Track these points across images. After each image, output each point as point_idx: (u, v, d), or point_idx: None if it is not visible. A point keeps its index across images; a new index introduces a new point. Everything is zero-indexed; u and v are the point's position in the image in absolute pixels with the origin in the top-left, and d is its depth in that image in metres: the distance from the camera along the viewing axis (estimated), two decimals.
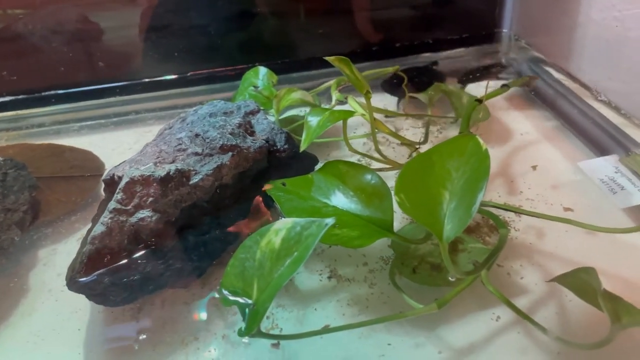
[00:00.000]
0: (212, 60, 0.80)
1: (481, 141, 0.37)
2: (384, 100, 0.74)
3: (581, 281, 0.37)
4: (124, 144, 0.69)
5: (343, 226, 0.41)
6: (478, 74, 0.78)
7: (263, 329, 0.39)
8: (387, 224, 0.41)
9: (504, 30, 0.86)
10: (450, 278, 0.41)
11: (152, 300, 0.45)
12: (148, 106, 0.77)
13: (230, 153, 0.48)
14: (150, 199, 0.44)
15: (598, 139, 0.61)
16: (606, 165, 0.56)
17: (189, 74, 0.79)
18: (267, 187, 0.46)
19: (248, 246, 0.36)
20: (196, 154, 0.48)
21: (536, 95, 0.71)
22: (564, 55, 0.74)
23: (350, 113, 0.50)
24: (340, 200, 0.44)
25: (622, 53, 0.63)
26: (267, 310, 0.38)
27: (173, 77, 0.80)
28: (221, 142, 0.48)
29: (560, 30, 0.74)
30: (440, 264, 0.42)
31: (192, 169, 0.46)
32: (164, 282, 0.44)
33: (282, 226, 0.36)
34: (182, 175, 0.45)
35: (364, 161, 0.61)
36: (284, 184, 0.45)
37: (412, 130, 0.67)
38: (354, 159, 0.61)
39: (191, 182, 0.45)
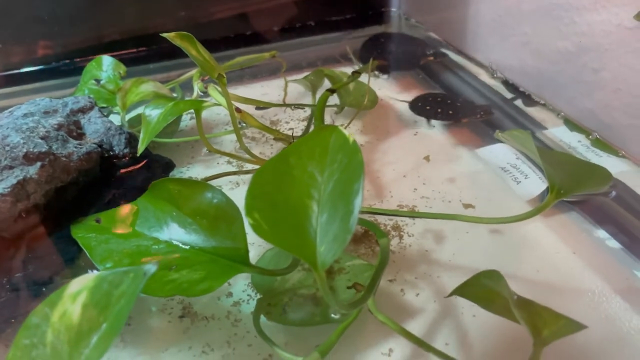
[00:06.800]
0: (49, 52, 0.65)
1: (346, 132, 0.28)
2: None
3: (485, 289, 0.30)
4: None
5: (182, 267, 0.30)
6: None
7: None
8: (240, 255, 0.31)
9: (392, 9, 0.79)
10: (332, 315, 0.32)
11: None
12: None
13: (38, 163, 0.36)
14: None
15: (495, 120, 0.55)
16: (506, 152, 0.50)
17: (19, 70, 0.65)
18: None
19: (34, 326, 0.24)
20: None
21: (429, 76, 0.64)
22: (457, 33, 0.68)
23: (199, 103, 0.39)
24: (176, 231, 0.33)
25: (516, 29, 0.57)
26: None
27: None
28: (25, 150, 0.36)
29: (451, 7, 0.68)
30: (316, 294, 0.32)
31: None
32: None
33: (80, 287, 0.24)
34: None
35: (235, 163, 0.50)
36: (97, 220, 0.34)
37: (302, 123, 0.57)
38: (223, 160, 0.51)
39: None
